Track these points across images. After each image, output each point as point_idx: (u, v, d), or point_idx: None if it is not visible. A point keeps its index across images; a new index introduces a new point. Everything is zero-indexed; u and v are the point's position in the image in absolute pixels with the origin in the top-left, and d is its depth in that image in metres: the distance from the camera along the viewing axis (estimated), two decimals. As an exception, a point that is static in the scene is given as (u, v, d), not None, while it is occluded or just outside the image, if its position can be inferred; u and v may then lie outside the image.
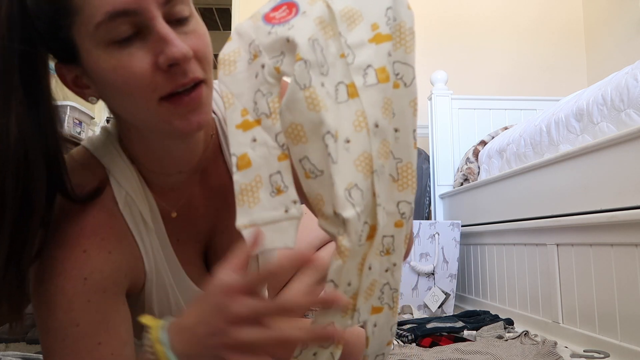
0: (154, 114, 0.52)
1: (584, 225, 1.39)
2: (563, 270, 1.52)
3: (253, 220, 0.48)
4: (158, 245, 0.63)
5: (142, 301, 0.63)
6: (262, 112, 0.49)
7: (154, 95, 0.51)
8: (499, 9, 3.29)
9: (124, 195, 0.60)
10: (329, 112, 0.45)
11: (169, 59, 0.49)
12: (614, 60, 2.96)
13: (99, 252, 0.56)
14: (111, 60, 0.50)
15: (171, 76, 0.51)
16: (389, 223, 0.50)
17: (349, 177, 0.45)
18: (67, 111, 2.17)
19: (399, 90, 0.50)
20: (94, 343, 0.55)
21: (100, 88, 0.54)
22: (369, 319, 0.52)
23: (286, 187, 0.49)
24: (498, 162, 2.19)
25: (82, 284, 0.54)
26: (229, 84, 0.50)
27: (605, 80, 1.50)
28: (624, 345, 1.23)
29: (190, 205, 0.68)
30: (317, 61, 0.46)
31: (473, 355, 1.24)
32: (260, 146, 0.49)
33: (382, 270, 0.51)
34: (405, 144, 0.50)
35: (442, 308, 2.12)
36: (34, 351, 1.33)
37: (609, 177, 1.31)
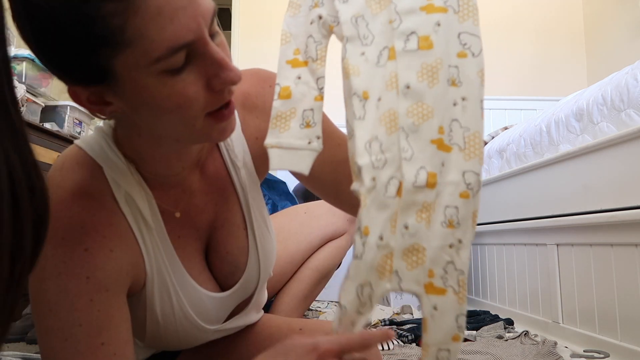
0: (197, 129, 0.54)
1: (584, 225, 1.39)
2: (563, 270, 1.52)
3: (279, 142, 0.55)
4: (159, 244, 0.62)
5: (144, 301, 0.63)
6: (310, 56, 0.56)
7: (202, 114, 0.53)
8: (498, 10, 3.29)
9: (123, 193, 0.59)
10: (359, 76, 0.51)
11: (226, 83, 0.52)
12: (614, 60, 2.96)
13: (101, 250, 0.55)
14: (164, 89, 0.49)
15: (220, 95, 0.53)
16: (452, 192, 0.51)
17: (372, 131, 0.50)
18: (67, 111, 2.17)
19: (466, 59, 0.52)
20: (97, 343, 0.54)
21: (137, 108, 0.52)
22: (425, 297, 0.51)
23: (314, 123, 0.56)
24: (498, 162, 2.19)
25: (84, 283, 0.54)
26: (290, 25, 0.56)
27: (605, 80, 1.50)
28: (624, 345, 1.23)
29: (191, 202, 0.68)
30: (357, 35, 0.53)
31: (473, 355, 1.24)
32: (303, 84, 0.56)
33: (445, 245, 0.51)
34: (473, 113, 0.52)
35: (442, 308, 2.11)
36: (34, 351, 1.33)
37: (609, 177, 1.30)
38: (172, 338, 0.67)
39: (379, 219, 0.49)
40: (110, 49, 0.46)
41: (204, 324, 0.69)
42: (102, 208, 0.57)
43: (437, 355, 0.51)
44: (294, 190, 2.71)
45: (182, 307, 0.65)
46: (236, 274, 0.72)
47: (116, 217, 0.58)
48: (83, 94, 0.52)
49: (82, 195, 0.57)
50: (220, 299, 0.71)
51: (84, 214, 0.56)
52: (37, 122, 1.95)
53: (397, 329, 1.53)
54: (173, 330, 0.66)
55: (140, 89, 0.49)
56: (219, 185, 0.70)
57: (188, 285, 0.66)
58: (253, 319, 0.83)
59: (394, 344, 1.39)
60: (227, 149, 0.70)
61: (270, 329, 0.85)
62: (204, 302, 0.68)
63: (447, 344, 0.51)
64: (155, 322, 0.64)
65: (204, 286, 0.68)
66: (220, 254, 0.71)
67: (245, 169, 0.71)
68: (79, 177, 0.58)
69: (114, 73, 0.49)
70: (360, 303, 0.50)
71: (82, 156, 0.60)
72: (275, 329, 0.84)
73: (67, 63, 0.49)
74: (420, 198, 0.50)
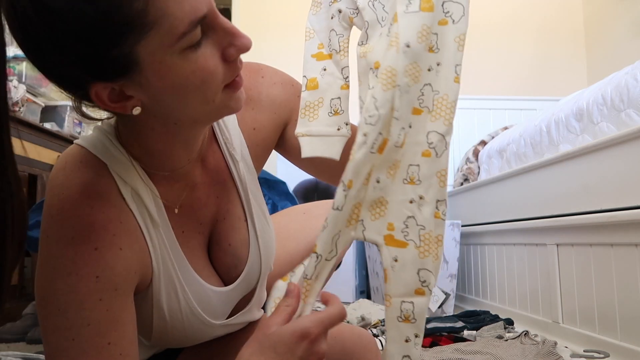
0: (216, 104, 0.55)
1: (584, 225, 1.39)
2: (563, 270, 1.52)
3: (310, 130, 0.58)
4: (164, 240, 0.62)
5: (151, 298, 0.62)
6: (334, 49, 0.59)
7: (221, 86, 0.54)
8: (498, 10, 3.29)
9: (129, 190, 0.59)
10: (374, 52, 0.54)
11: (241, 49, 0.53)
12: (614, 60, 2.96)
13: (110, 249, 0.55)
14: (188, 65, 0.50)
15: (234, 65, 0.54)
16: (415, 152, 0.53)
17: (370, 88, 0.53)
18: (67, 111, 2.17)
19: (446, 26, 0.54)
20: (104, 343, 0.54)
21: (160, 95, 0.53)
22: (385, 248, 0.53)
23: (342, 111, 0.58)
24: (498, 162, 2.19)
25: (94, 283, 0.53)
26: (313, 21, 0.60)
27: (605, 80, 1.50)
28: (624, 345, 1.23)
29: (194, 196, 0.68)
30: (376, 18, 0.56)
31: (473, 355, 1.24)
32: (328, 75, 0.59)
33: (405, 201, 0.53)
34: (445, 77, 0.54)
35: (442, 308, 2.12)
36: (34, 351, 1.33)
37: (609, 177, 1.31)
38: (179, 335, 0.67)
39: (362, 173, 0.51)
40: (135, 35, 0.47)
41: (210, 319, 0.69)
42: (110, 206, 0.57)
43: (400, 307, 0.52)
44: (294, 190, 2.71)
45: (189, 303, 0.65)
46: (239, 267, 0.72)
47: (124, 214, 0.58)
48: (104, 94, 0.51)
49: (89, 193, 0.56)
50: (225, 293, 0.71)
51: (93, 212, 0.55)
52: (37, 122, 1.95)
53: (397, 329, 1.53)
54: (180, 327, 0.66)
55: (166, 72, 0.50)
56: (219, 178, 0.70)
57: (193, 280, 0.66)
58: (256, 316, 0.83)
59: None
60: (226, 142, 0.70)
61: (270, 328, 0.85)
62: (210, 296, 0.68)
63: (410, 297, 0.53)
64: (162, 319, 0.64)
65: (208, 281, 0.68)
66: (222, 246, 0.71)
67: (243, 162, 0.72)
68: (84, 175, 0.57)
69: (138, 61, 0.49)
70: (330, 249, 0.52)
71: (85, 154, 0.59)
72: None
73: (91, 59, 0.48)
74: (394, 156, 0.53)
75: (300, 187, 2.74)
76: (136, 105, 0.53)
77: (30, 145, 1.81)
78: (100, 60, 0.48)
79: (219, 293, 0.69)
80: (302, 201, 2.58)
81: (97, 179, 0.57)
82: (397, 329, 0.52)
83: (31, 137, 1.82)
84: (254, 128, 0.73)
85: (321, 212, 1.26)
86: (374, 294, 2.48)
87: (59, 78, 0.52)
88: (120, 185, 0.58)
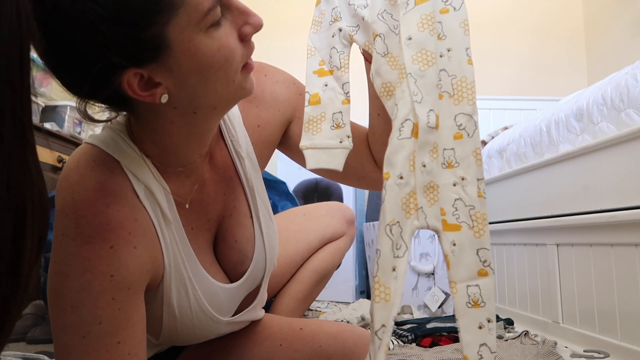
0: (235, 85, 0.57)
1: (584, 225, 1.39)
2: (563, 270, 1.52)
3: (314, 144, 0.60)
4: (175, 237, 0.63)
5: (161, 296, 0.63)
6: (334, 65, 0.62)
7: (240, 66, 0.56)
8: (498, 10, 3.29)
9: (142, 188, 0.59)
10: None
11: (255, 27, 0.56)
12: (614, 60, 2.96)
13: (125, 248, 0.55)
14: (214, 43, 0.52)
15: (249, 44, 0.57)
16: (447, 136, 0.55)
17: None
18: (67, 111, 2.17)
19: (449, 14, 0.57)
20: (114, 342, 0.54)
21: (187, 77, 0.54)
22: (442, 234, 0.53)
23: (344, 124, 0.61)
24: (498, 162, 2.19)
25: (108, 281, 0.54)
26: (314, 40, 0.63)
27: (605, 80, 1.50)
28: (624, 345, 1.23)
29: (202, 192, 0.68)
30: (389, 28, 0.59)
31: (473, 356, 1.24)
32: (330, 90, 0.62)
33: (449, 184, 0.54)
34: (458, 61, 0.56)
35: (442, 308, 2.12)
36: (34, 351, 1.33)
37: (609, 177, 1.30)
38: (188, 332, 0.68)
39: (397, 159, 0.52)
40: (165, 14, 0.48)
41: (218, 315, 0.69)
42: (125, 204, 0.57)
43: (467, 292, 0.51)
44: (294, 190, 2.71)
45: (198, 300, 0.65)
46: (245, 263, 0.73)
47: (139, 212, 0.58)
48: (134, 82, 0.52)
49: (105, 192, 0.56)
50: (232, 290, 0.71)
51: (109, 211, 0.55)
52: (37, 122, 1.95)
53: (397, 329, 1.53)
54: (189, 324, 0.66)
55: (194, 51, 0.52)
56: (226, 174, 0.71)
57: (202, 277, 0.66)
58: (259, 315, 0.84)
59: (394, 344, 1.39)
60: (232, 140, 0.71)
61: (272, 328, 0.85)
62: (217, 293, 0.69)
63: (474, 280, 0.52)
64: (172, 316, 0.64)
65: (216, 277, 0.69)
66: (228, 242, 0.72)
67: (248, 159, 0.73)
68: (98, 174, 0.57)
69: (169, 42, 0.50)
70: (394, 244, 0.51)
71: (98, 153, 0.59)
72: (276, 329, 0.85)
73: (125, 43, 0.49)
74: (431, 138, 0.54)
75: (300, 187, 2.74)
76: (164, 93, 0.54)
77: (30, 145, 1.81)
78: (134, 44, 0.49)
79: (226, 289, 0.70)
80: (302, 201, 2.58)
81: (111, 177, 0.57)
82: (468, 316, 0.51)
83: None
84: (258, 125, 0.73)
85: (321, 213, 1.26)
86: (374, 294, 2.48)
87: (83, 74, 0.50)
88: (134, 183, 0.59)
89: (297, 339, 0.82)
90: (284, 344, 0.82)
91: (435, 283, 2.17)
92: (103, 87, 0.52)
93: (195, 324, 0.67)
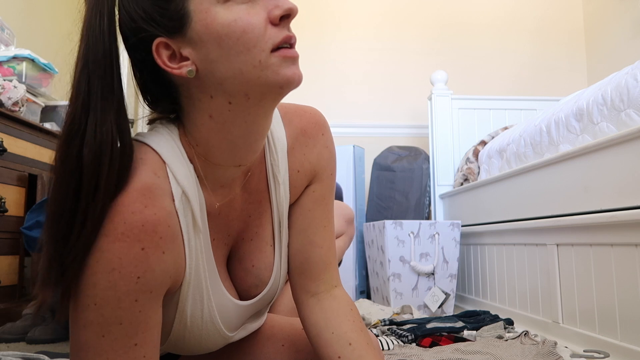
0: (264, 65, 0.57)
1: (584, 225, 1.39)
2: (563, 270, 1.52)
3: None
4: (202, 246, 0.62)
5: (176, 302, 0.62)
6: None
7: (266, 46, 0.57)
8: (499, 10, 3.29)
9: (180, 192, 0.59)
10: None
11: (284, 10, 0.57)
12: (614, 60, 2.96)
13: (155, 251, 0.55)
14: (230, 15, 0.55)
15: (281, 29, 0.58)
16: None
17: None
18: (67, 111, 2.17)
19: None
20: (131, 343, 0.54)
21: (209, 51, 0.56)
22: None
23: None
24: (498, 162, 2.19)
25: (134, 283, 0.53)
26: None
27: (605, 80, 1.50)
28: (624, 345, 1.23)
29: (230, 206, 0.68)
30: None
31: (473, 355, 1.24)
32: None
33: None
34: None
35: (442, 308, 2.12)
36: (34, 351, 1.33)
37: (609, 177, 1.31)
38: (195, 341, 0.67)
39: None
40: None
41: (226, 330, 0.69)
42: (162, 208, 0.56)
43: None
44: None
45: (211, 312, 0.65)
46: (259, 287, 0.73)
47: (172, 217, 0.57)
48: (164, 53, 0.58)
49: (145, 192, 0.55)
50: (243, 307, 0.71)
51: (146, 212, 0.54)
52: (37, 122, 1.95)
53: (397, 329, 1.53)
54: (197, 334, 0.66)
55: (211, 20, 0.55)
56: (257, 197, 0.71)
57: (219, 290, 0.66)
58: (259, 324, 0.84)
59: (394, 344, 1.39)
60: (272, 163, 0.71)
61: (273, 329, 0.85)
62: (230, 308, 0.68)
63: None
64: (182, 324, 0.64)
65: (229, 292, 0.69)
66: (245, 265, 0.72)
67: (284, 186, 0.72)
68: (143, 173, 0.56)
69: (189, 13, 0.56)
70: None
71: (146, 151, 0.59)
72: (277, 329, 0.85)
73: (155, 12, 0.57)
74: None
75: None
76: (191, 67, 0.57)
77: (30, 145, 1.81)
78: (161, 13, 0.56)
79: (238, 306, 0.70)
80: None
81: (154, 178, 0.57)
82: None
83: (31, 137, 1.82)
84: (298, 170, 0.74)
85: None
86: (374, 294, 2.48)
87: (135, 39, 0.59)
88: (173, 186, 0.59)
89: (299, 339, 0.82)
90: (286, 344, 0.82)
91: (435, 283, 2.17)
92: (141, 60, 0.59)
93: (203, 334, 0.67)
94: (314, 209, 0.76)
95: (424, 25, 3.25)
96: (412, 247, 2.18)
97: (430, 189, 2.74)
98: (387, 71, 3.21)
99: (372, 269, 2.47)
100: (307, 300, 0.75)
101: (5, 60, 1.92)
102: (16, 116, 1.71)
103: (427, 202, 2.76)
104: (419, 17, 3.26)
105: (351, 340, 0.70)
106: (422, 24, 3.25)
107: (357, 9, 3.26)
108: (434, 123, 2.73)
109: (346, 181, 2.75)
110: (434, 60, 3.17)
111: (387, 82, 3.21)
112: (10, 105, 1.72)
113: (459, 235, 2.22)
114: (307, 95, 3.13)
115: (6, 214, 1.64)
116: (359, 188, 2.83)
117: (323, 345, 0.71)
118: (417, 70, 3.19)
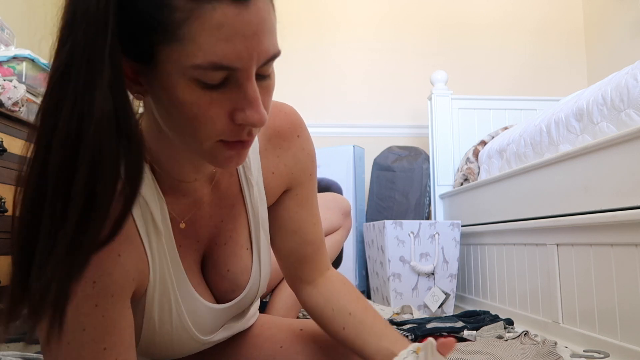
0: (204, 149, 0.53)
1: (584, 225, 1.39)
2: (563, 270, 1.52)
3: None
4: (166, 251, 0.62)
5: (142, 306, 0.62)
6: None
7: (215, 138, 0.52)
8: (499, 10, 3.29)
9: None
10: None
11: (248, 122, 0.51)
12: (614, 60, 2.96)
13: (109, 255, 0.54)
14: (189, 96, 0.49)
15: (239, 130, 0.52)
16: None
17: None
18: (67, 111, 2.17)
19: None
20: (99, 348, 0.54)
21: (159, 105, 0.53)
22: None
23: None
24: (498, 162, 2.19)
25: (90, 288, 0.53)
26: None
27: (605, 80, 1.50)
28: (624, 345, 1.23)
29: (197, 214, 0.67)
30: None
31: (473, 355, 1.24)
32: None
33: None
34: None
35: (442, 308, 2.12)
36: (33, 351, 1.33)
37: (609, 177, 1.31)
38: (165, 346, 0.67)
39: None
40: (161, 36, 0.47)
41: (199, 334, 0.68)
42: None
43: None
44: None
45: (181, 317, 0.65)
46: (236, 292, 0.72)
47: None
48: (127, 66, 0.51)
49: None
50: (218, 311, 0.70)
51: None
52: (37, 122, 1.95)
53: (397, 329, 1.53)
54: (168, 340, 0.66)
55: (170, 85, 0.50)
56: (229, 201, 0.70)
57: (189, 295, 0.65)
58: (245, 326, 0.83)
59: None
60: (244, 165, 0.69)
61: (270, 330, 0.85)
62: (202, 312, 0.68)
63: None
64: (151, 330, 0.64)
65: (203, 296, 0.68)
66: (219, 271, 0.71)
67: (257, 187, 0.71)
68: None
69: (156, 59, 0.49)
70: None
71: None
72: (275, 330, 0.84)
73: (131, 33, 0.49)
74: None
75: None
76: (139, 94, 0.53)
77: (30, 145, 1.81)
78: (134, 40, 0.49)
79: (212, 310, 0.69)
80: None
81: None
82: None
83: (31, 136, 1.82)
84: (273, 172, 0.72)
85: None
86: (374, 293, 2.48)
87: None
88: None
89: (297, 340, 0.81)
90: (284, 345, 0.81)
91: (435, 283, 2.17)
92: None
93: (175, 339, 0.66)
94: (300, 211, 0.75)
95: (424, 25, 3.25)
96: (412, 247, 2.18)
97: (430, 189, 2.74)
98: (387, 71, 3.21)
99: (372, 269, 2.47)
100: (304, 288, 0.78)
101: (5, 60, 1.92)
102: (16, 116, 1.71)
103: (427, 202, 2.76)
104: (419, 17, 3.26)
105: (350, 310, 0.74)
106: (422, 24, 3.25)
107: (356, 9, 3.26)
108: (434, 123, 2.73)
109: (346, 181, 2.75)
110: (434, 60, 3.17)
111: (387, 82, 3.20)
112: (10, 105, 1.72)
113: (459, 235, 2.22)
114: (307, 95, 3.13)
115: (6, 214, 1.64)
116: (359, 188, 2.83)
117: (327, 323, 0.75)
118: (417, 70, 3.19)
